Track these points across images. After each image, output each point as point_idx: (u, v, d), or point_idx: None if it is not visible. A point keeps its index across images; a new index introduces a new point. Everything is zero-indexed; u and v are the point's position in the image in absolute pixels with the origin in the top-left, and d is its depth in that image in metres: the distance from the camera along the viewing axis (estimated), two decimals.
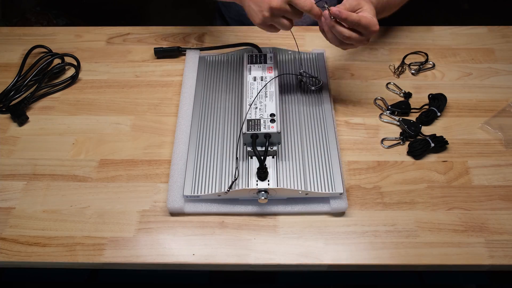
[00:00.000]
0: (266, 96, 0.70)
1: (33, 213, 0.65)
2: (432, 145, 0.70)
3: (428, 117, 0.74)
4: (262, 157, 0.62)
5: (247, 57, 0.76)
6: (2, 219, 0.64)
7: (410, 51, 0.86)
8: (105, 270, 0.95)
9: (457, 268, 0.61)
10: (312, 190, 0.62)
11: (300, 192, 0.62)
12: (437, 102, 0.76)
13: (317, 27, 0.93)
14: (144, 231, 0.63)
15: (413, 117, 0.76)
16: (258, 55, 0.76)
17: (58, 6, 1.75)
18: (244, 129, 0.65)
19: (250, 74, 0.73)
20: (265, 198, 0.61)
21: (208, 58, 0.83)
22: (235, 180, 0.62)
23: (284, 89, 0.78)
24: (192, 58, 0.84)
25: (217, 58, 0.83)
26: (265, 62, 0.75)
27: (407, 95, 0.78)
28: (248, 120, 0.66)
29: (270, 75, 0.73)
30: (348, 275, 0.94)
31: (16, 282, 1.03)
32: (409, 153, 0.70)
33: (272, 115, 0.67)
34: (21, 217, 0.65)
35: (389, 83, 0.80)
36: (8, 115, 0.77)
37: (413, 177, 0.69)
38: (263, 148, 0.65)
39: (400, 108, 0.76)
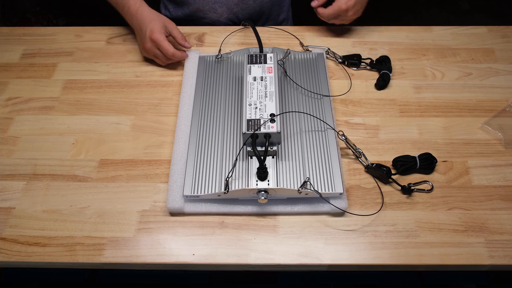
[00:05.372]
0: (266, 96, 0.70)
1: (33, 213, 0.65)
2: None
3: (385, 81, 0.80)
4: (262, 157, 0.62)
5: (247, 57, 0.76)
6: (2, 219, 0.64)
7: (410, 51, 0.86)
8: (105, 270, 0.95)
9: (457, 268, 0.61)
10: (312, 190, 0.62)
11: (300, 192, 0.62)
12: (385, 65, 0.82)
13: (318, 27, 0.93)
14: (144, 231, 0.63)
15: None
16: (258, 55, 0.76)
17: (58, 6, 1.74)
18: (244, 129, 0.65)
19: (250, 74, 0.73)
20: (265, 198, 0.61)
21: (208, 58, 0.83)
22: (228, 178, 0.62)
23: (284, 89, 0.78)
24: (192, 58, 0.84)
25: (217, 58, 0.83)
26: (265, 62, 0.75)
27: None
28: (248, 120, 0.66)
29: (270, 75, 0.73)
30: (348, 275, 0.94)
31: (16, 282, 1.03)
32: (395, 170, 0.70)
33: (272, 115, 0.67)
34: (21, 217, 0.65)
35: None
36: (8, 115, 0.77)
37: (413, 177, 0.69)
38: (263, 148, 0.65)
39: (352, 59, 0.83)
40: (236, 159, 0.66)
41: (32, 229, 0.63)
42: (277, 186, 0.63)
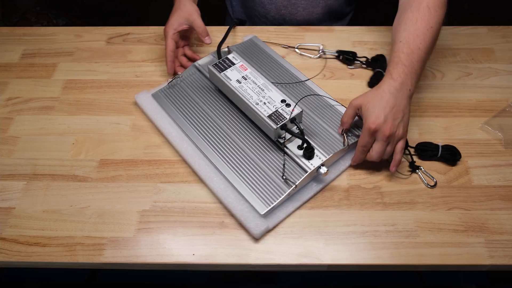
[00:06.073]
0: (263, 90, 0.69)
1: (33, 213, 0.65)
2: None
3: (378, 80, 0.77)
4: (305, 138, 0.65)
5: (213, 68, 0.73)
6: (2, 219, 0.64)
7: None
8: (105, 270, 0.95)
9: (457, 268, 0.61)
10: (351, 135, 0.69)
11: (345, 147, 0.68)
12: (380, 64, 0.81)
13: (318, 27, 0.93)
14: (144, 231, 0.63)
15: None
16: (221, 62, 0.73)
17: (58, 6, 1.75)
18: (273, 125, 0.65)
19: (231, 80, 0.71)
20: (327, 170, 0.64)
21: (162, 92, 0.77)
22: (284, 176, 0.65)
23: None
24: (144, 100, 0.77)
25: (169, 89, 0.78)
26: (233, 64, 0.73)
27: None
28: (269, 116, 0.66)
29: (249, 71, 0.72)
30: (348, 275, 0.94)
31: (16, 282, 1.03)
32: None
33: (283, 101, 0.68)
34: (21, 217, 0.65)
35: None
36: (8, 115, 0.77)
37: (413, 177, 0.69)
38: (289, 137, 0.67)
39: (348, 55, 0.83)
40: (284, 155, 0.67)
41: (32, 229, 0.63)
42: (327, 155, 0.66)
